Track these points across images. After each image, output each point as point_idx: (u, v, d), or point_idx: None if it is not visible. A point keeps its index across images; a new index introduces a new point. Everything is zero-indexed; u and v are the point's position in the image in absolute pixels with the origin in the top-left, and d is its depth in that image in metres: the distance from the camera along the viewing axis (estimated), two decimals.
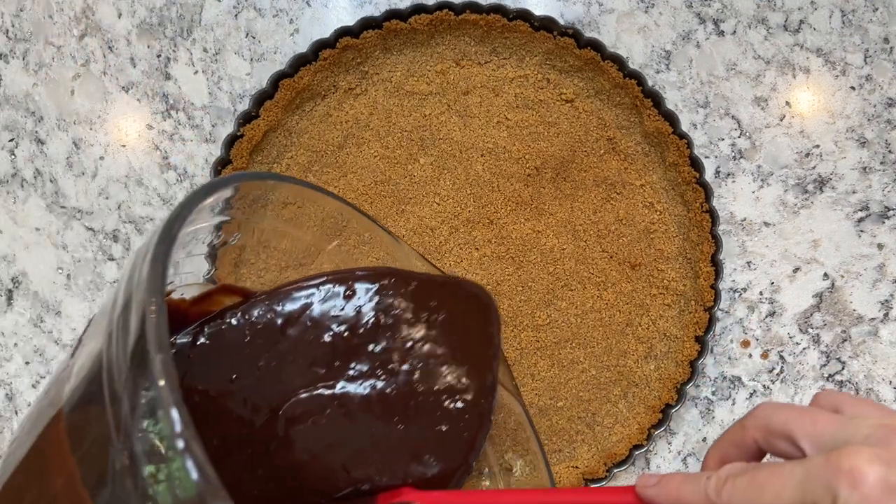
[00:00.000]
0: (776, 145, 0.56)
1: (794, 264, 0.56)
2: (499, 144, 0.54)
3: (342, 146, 0.54)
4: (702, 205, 0.51)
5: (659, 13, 0.56)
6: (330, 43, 0.51)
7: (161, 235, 0.28)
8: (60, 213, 0.55)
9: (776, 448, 0.29)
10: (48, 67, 0.55)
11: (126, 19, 0.55)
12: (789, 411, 0.29)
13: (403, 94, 0.54)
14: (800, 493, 0.26)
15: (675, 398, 0.52)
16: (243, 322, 0.38)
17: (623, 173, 0.54)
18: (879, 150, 0.56)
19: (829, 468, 0.25)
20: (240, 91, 0.55)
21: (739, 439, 0.31)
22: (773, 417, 0.29)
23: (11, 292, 0.55)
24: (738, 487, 0.27)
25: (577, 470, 0.53)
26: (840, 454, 0.25)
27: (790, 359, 0.55)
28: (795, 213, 0.56)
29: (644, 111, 0.52)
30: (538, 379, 0.53)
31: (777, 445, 0.29)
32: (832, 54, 0.56)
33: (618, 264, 0.54)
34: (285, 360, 0.38)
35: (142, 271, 0.27)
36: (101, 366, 0.27)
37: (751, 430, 0.30)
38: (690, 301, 0.53)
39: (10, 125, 0.55)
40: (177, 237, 0.29)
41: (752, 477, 0.27)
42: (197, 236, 0.39)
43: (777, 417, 0.29)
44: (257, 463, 0.37)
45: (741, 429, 0.31)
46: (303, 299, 0.39)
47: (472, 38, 0.53)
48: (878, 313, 0.55)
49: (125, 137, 0.55)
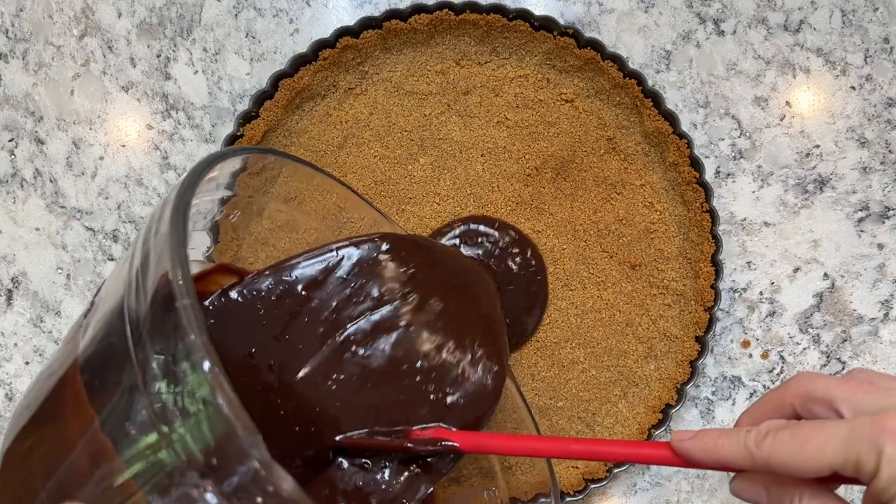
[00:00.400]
0: (776, 145, 0.56)
1: (794, 264, 0.55)
2: (499, 144, 0.54)
3: (342, 146, 0.54)
4: (702, 205, 0.51)
5: (659, 13, 0.56)
6: (330, 43, 0.51)
7: (183, 186, 0.28)
8: (60, 213, 0.55)
9: (815, 413, 0.30)
10: (48, 67, 0.55)
11: (126, 19, 0.55)
12: (829, 379, 0.30)
13: (403, 93, 0.54)
14: (844, 448, 0.26)
15: (675, 398, 0.52)
16: (252, 296, 0.38)
17: (623, 173, 0.54)
18: (879, 150, 0.56)
19: (876, 427, 0.26)
20: (240, 91, 0.55)
21: (778, 403, 0.31)
22: (814, 384, 0.30)
23: (11, 292, 0.55)
24: (780, 440, 0.28)
25: (577, 470, 0.53)
26: (885, 416, 0.26)
27: (790, 359, 0.55)
28: (795, 213, 0.56)
29: (644, 111, 0.52)
30: (538, 379, 0.53)
31: (816, 410, 0.30)
32: (832, 54, 0.56)
33: (618, 264, 0.54)
34: (304, 326, 0.38)
35: (161, 222, 0.27)
36: (120, 317, 0.27)
37: (790, 394, 0.31)
38: (690, 301, 0.53)
39: (10, 125, 0.55)
40: (198, 185, 0.29)
41: (795, 431, 0.28)
42: (199, 209, 0.39)
43: (818, 384, 0.30)
44: (282, 416, 0.37)
45: (781, 392, 0.31)
46: (317, 264, 0.39)
47: (472, 38, 0.53)
48: (879, 313, 0.55)
49: (125, 137, 0.55)
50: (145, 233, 0.29)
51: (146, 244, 0.28)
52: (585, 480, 0.51)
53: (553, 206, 0.54)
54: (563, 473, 0.53)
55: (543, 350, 0.53)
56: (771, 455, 0.28)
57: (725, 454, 0.30)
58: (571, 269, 0.54)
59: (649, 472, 0.55)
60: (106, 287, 0.32)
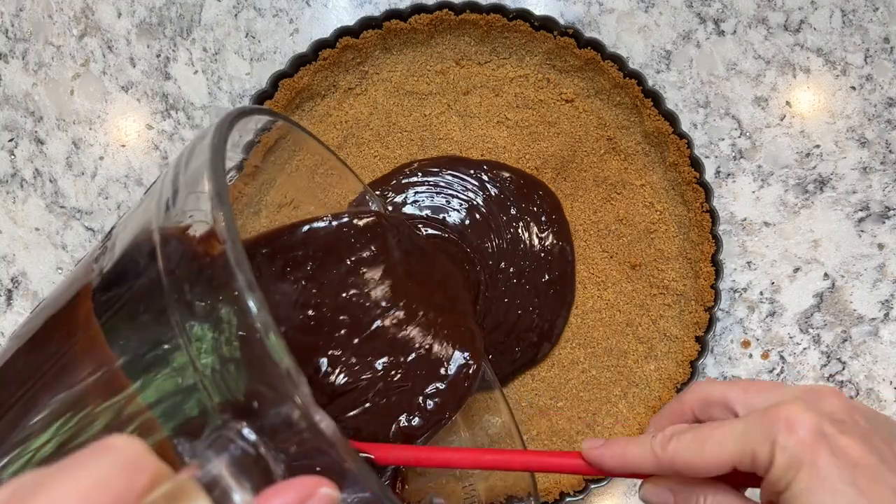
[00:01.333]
0: (776, 145, 0.56)
1: (794, 264, 0.55)
2: (499, 144, 0.54)
3: (342, 146, 0.54)
4: (702, 205, 0.51)
5: (659, 13, 0.56)
6: (330, 43, 0.51)
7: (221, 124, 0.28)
8: (60, 213, 0.55)
9: (713, 415, 0.32)
10: (48, 67, 0.55)
11: (126, 19, 0.55)
12: (723, 384, 0.32)
13: (403, 93, 0.54)
14: (741, 442, 0.28)
15: None
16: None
17: (623, 173, 0.54)
18: (880, 150, 0.56)
19: (768, 418, 0.27)
20: (240, 91, 0.55)
21: (678, 410, 0.33)
22: (709, 389, 0.32)
23: (11, 292, 0.55)
24: (683, 442, 0.29)
25: None
26: (777, 407, 0.28)
27: (790, 359, 0.55)
28: (796, 213, 0.56)
29: (644, 111, 0.52)
30: (538, 379, 0.53)
31: (713, 413, 0.31)
32: (832, 54, 0.56)
33: (618, 264, 0.54)
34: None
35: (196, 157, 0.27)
36: (147, 241, 0.26)
37: (689, 401, 0.32)
38: (690, 301, 0.53)
39: (10, 125, 0.55)
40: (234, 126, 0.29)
41: (696, 433, 0.29)
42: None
43: (713, 389, 0.32)
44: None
45: (679, 401, 0.33)
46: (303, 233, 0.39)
47: (472, 38, 0.53)
48: (879, 313, 0.55)
49: (125, 137, 0.55)
50: (174, 172, 0.28)
51: (175, 181, 0.27)
52: (585, 480, 0.51)
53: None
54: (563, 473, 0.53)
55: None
56: (675, 457, 0.29)
57: (633, 459, 0.31)
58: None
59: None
60: (132, 215, 0.31)
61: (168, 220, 0.27)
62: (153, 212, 0.27)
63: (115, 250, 0.29)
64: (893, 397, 0.55)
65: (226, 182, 0.26)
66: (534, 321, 0.52)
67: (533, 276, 0.53)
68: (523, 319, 0.52)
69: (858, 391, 0.55)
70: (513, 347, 0.52)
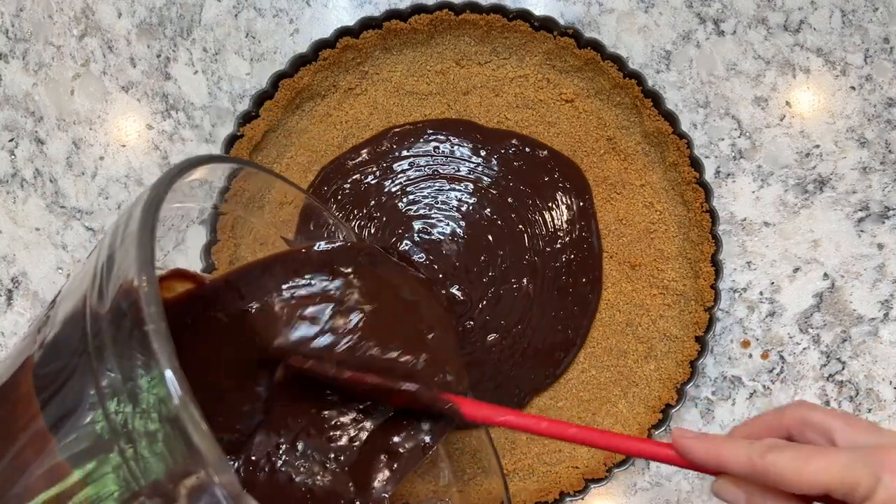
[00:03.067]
0: (776, 145, 0.56)
1: (794, 264, 0.55)
2: None
3: (342, 146, 0.54)
4: (702, 205, 0.51)
5: (659, 13, 0.56)
6: (330, 43, 0.51)
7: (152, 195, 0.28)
8: (60, 213, 0.55)
9: (809, 438, 0.33)
10: (48, 67, 0.55)
11: (126, 19, 0.55)
12: (825, 411, 0.33)
13: (403, 94, 0.54)
14: (844, 472, 0.29)
15: (675, 398, 0.52)
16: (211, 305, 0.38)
17: (623, 173, 0.54)
18: (879, 150, 0.56)
19: (876, 457, 0.29)
20: (240, 91, 0.55)
21: (775, 423, 0.34)
22: (811, 414, 0.33)
23: (11, 292, 0.55)
24: (784, 456, 0.31)
25: (577, 470, 0.52)
26: (885, 449, 0.29)
27: (790, 359, 0.55)
28: (795, 213, 0.56)
29: (644, 111, 0.52)
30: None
31: (810, 436, 0.33)
32: (832, 54, 0.56)
33: (618, 264, 0.54)
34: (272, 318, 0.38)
35: (129, 226, 0.26)
36: (81, 316, 0.26)
37: (789, 418, 0.33)
38: (690, 301, 0.53)
39: (10, 125, 0.55)
40: (166, 195, 0.28)
41: (798, 451, 0.31)
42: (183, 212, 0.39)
43: (815, 414, 0.33)
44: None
45: (779, 415, 0.34)
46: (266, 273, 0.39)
47: (472, 38, 0.53)
48: (878, 313, 0.55)
49: (125, 137, 0.55)
50: (111, 237, 0.27)
51: (112, 244, 0.27)
52: (585, 480, 0.51)
53: None
54: (562, 473, 0.53)
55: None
56: (771, 467, 0.31)
57: (726, 458, 0.32)
58: None
59: (649, 471, 0.55)
60: (70, 285, 0.31)
61: (101, 290, 0.26)
62: (88, 281, 0.27)
63: (56, 320, 0.29)
64: (893, 397, 0.55)
65: (152, 250, 0.25)
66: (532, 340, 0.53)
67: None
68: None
69: (858, 391, 0.55)
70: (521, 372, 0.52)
